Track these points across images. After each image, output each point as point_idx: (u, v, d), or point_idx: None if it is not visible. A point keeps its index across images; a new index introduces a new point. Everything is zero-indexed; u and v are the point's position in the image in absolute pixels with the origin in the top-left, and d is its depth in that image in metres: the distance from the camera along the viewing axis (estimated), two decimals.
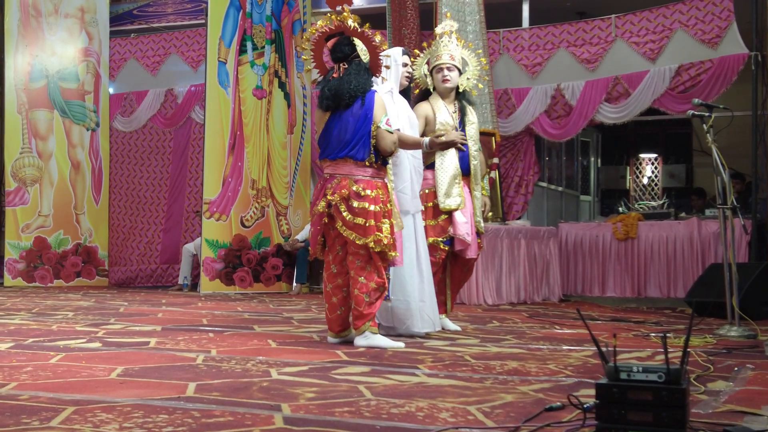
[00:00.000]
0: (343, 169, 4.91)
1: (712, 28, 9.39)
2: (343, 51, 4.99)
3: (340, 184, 4.87)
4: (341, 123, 4.90)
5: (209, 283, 10.15)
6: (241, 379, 3.46)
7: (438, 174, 5.86)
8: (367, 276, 4.85)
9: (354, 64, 4.96)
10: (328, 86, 4.94)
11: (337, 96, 4.88)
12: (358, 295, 4.85)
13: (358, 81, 4.88)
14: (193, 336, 5.20)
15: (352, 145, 4.86)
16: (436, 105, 5.96)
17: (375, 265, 4.86)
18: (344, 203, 4.83)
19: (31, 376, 3.46)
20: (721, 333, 5.75)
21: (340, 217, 4.85)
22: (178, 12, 12.47)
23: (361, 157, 4.87)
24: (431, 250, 5.81)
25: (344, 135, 4.88)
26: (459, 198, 5.86)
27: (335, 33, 5.02)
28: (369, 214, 4.81)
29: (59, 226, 11.45)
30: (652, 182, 15.72)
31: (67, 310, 7.07)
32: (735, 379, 3.71)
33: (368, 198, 4.83)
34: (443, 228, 5.87)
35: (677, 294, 8.99)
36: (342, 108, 4.89)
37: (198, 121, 11.86)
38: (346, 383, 3.43)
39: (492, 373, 3.79)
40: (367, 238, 4.79)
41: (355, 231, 4.81)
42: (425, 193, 5.87)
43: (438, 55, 5.99)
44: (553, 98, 10.36)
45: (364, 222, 4.80)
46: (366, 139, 4.87)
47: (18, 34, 11.40)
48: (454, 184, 5.86)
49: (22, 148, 11.31)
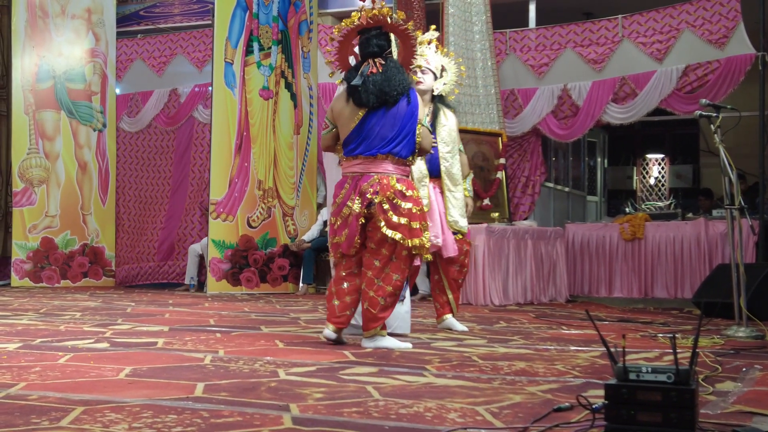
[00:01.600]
0: (380, 166, 4.74)
1: (719, 29, 9.37)
2: (381, 46, 4.82)
3: (381, 183, 4.71)
4: (385, 119, 4.73)
5: (216, 283, 10.16)
6: (249, 380, 3.46)
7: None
8: (385, 279, 4.71)
9: (391, 60, 4.82)
10: (372, 81, 4.72)
11: (383, 92, 4.69)
12: (373, 297, 4.71)
13: (402, 77, 4.75)
14: (201, 336, 5.21)
15: (398, 141, 4.73)
16: None
17: (398, 267, 4.72)
18: (389, 203, 4.68)
19: (39, 376, 3.46)
20: (728, 334, 5.73)
21: (383, 217, 4.67)
22: (185, 13, 12.49)
23: (405, 155, 4.78)
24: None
25: (388, 132, 4.73)
26: (424, 200, 5.80)
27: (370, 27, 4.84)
28: (414, 216, 4.71)
29: (66, 227, 11.47)
30: (659, 183, 15.70)
31: (74, 311, 7.08)
32: (743, 380, 3.70)
33: (411, 198, 4.74)
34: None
35: (684, 295, 8.98)
36: (389, 105, 4.73)
37: (200, 120, 11.89)
38: (354, 384, 3.42)
39: (500, 374, 3.79)
40: (411, 241, 4.67)
41: (400, 231, 4.66)
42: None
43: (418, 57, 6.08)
44: (559, 98, 10.36)
45: (408, 222, 4.68)
46: (411, 137, 4.77)
47: (25, 35, 11.43)
48: (419, 187, 5.84)
49: (29, 148, 11.34)
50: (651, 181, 15.75)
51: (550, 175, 11.69)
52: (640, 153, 15.95)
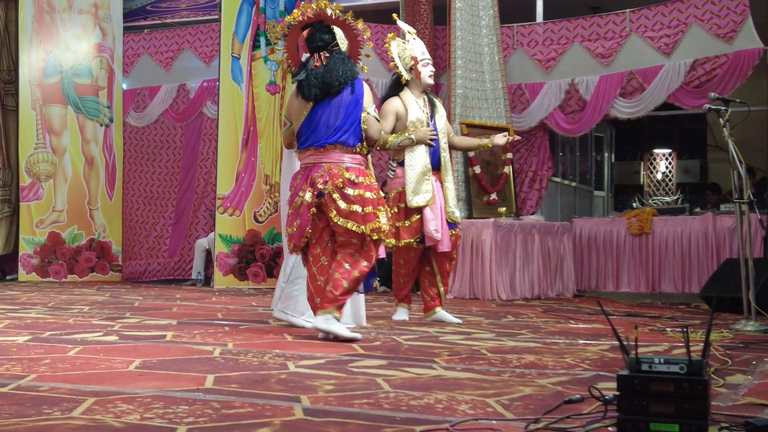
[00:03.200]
0: (330, 156, 4.81)
1: (727, 23, 9.34)
2: (324, 39, 4.93)
3: (330, 173, 4.76)
4: (330, 110, 4.82)
5: (223, 278, 10.17)
6: (258, 372, 3.46)
7: (407, 172, 5.92)
8: (353, 264, 4.75)
9: (336, 53, 4.91)
10: (314, 74, 4.83)
11: (325, 84, 4.80)
12: (338, 279, 4.72)
13: (345, 68, 4.84)
14: (209, 330, 5.21)
15: (343, 131, 4.79)
16: (407, 100, 6.01)
17: (366, 253, 4.78)
18: (338, 191, 4.73)
19: (50, 368, 3.47)
20: (737, 328, 5.73)
21: (334, 206, 4.73)
22: (192, 7, 12.48)
23: (352, 144, 4.82)
24: (405, 251, 5.99)
25: (333, 122, 4.80)
26: (428, 194, 5.90)
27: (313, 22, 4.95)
28: (366, 201, 4.75)
29: (73, 222, 11.48)
30: (666, 178, 15.66)
31: (82, 305, 7.09)
32: (753, 373, 3.70)
33: (363, 185, 4.78)
34: (416, 228, 5.94)
35: (692, 289, 8.96)
36: (332, 95, 4.82)
37: (209, 116, 11.88)
38: (364, 376, 3.42)
39: (509, 367, 3.78)
40: (366, 226, 4.71)
41: (353, 219, 4.72)
42: (397, 193, 5.98)
43: (422, 50, 6.06)
44: (567, 93, 10.33)
45: (361, 209, 4.72)
46: (357, 126, 4.82)
47: (32, 30, 11.44)
48: (423, 181, 5.90)
49: (36, 143, 11.35)
50: (658, 176, 15.71)
51: (557, 169, 11.67)
52: (648, 148, 15.91)
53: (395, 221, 5.86)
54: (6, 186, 11.72)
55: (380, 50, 11.25)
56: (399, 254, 6.09)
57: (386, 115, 5.95)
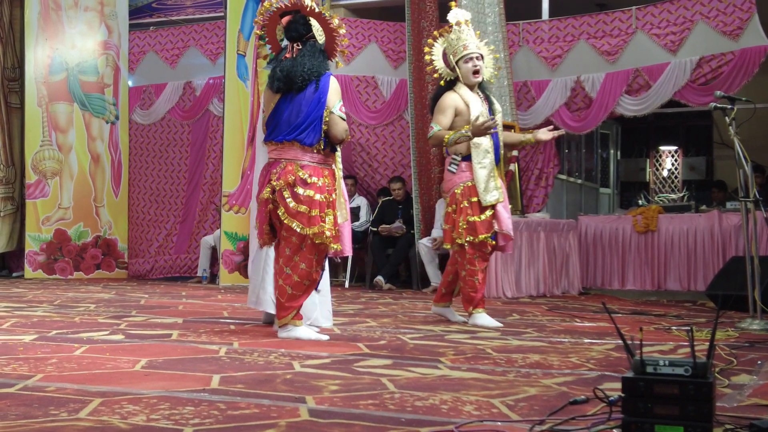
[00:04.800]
0: (289, 153, 4.77)
1: (733, 20, 9.30)
2: (298, 30, 4.84)
3: (285, 170, 4.72)
4: (292, 105, 4.75)
5: (228, 275, 10.17)
6: (264, 372, 3.48)
7: (476, 170, 5.70)
8: (293, 267, 4.72)
9: (309, 45, 4.81)
10: (281, 67, 4.78)
11: (289, 78, 4.73)
12: (282, 285, 4.74)
13: (312, 63, 4.74)
14: (215, 328, 5.23)
15: (303, 128, 4.71)
16: (465, 95, 5.80)
17: (305, 256, 4.72)
18: (289, 189, 4.69)
19: (56, 368, 3.48)
20: (743, 326, 5.72)
21: (283, 204, 4.69)
22: (197, 5, 12.47)
23: (310, 142, 4.72)
24: (482, 247, 5.72)
25: (295, 118, 4.74)
26: (497, 191, 5.72)
27: (291, 10, 4.89)
28: (314, 203, 4.69)
29: (79, 219, 11.51)
30: (672, 175, 15.65)
31: (88, 303, 7.11)
32: (759, 373, 3.70)
33: (314, 186, 4.71)
34: (490, 224, 5.72)
35: (697, 287, 8.94)
36: (294, 90, 4.75)
37: (216, 114, 11.88)
38: (369, 376, 3.43)
39: (514, 366, 3.79)
40: (310, 229, 4.66)
41: (298, 219, 4.67)
42: (466, 187, 5.74)
43: (465, 45, 5.83)
44: (573, 90, 10.31)
45: (308, 211, 4.67)
46: (317, 124, 4.72)
47: (38, 27, 11.45)
48: (491, 178, 5.72)
49: (42, 140, 11.38)
50: (664, 173, 15.69)
51: (563, 167, 11.64)
52: (654, 145, 15.89)
53: (467, 216, 5.68)
54: (9, 184, 11.74)
55: (386, 47, 11.28)
56: (474, 250, 5.74)
57: (444, 110, 5.76)
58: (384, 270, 10.11)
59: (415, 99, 10.41)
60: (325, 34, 4.88)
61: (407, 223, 10.26)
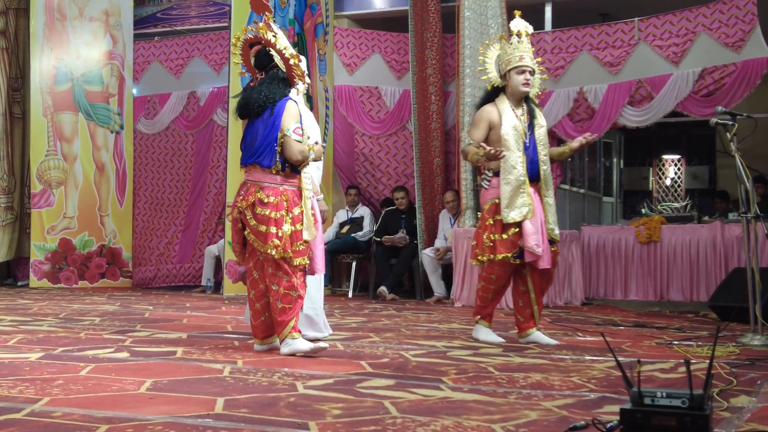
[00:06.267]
0: (253, 175, 5.00)
1: (735, 32, 9.33)
2: (261, 61, 5.16)
3: (248, 191, 4.97)
4: (252, 130, 5.01)
5: (232, 285, 10.21)
6: (267, 394, 3.51)
7: (502, 186, 5.59)
8: (278, 282, 4.89)
9: (270, 75, 5.09)
10: (242, 95, 5.10)
11: (246, 104, 5.02)
12: (272, 303, 4.93)
13: (269, 90, 4.99)
14: (219, 344, 5.27)
15: (260, 152, 4.94)
16: (502, 108, 5.70)
17: (284, 270, 4.88)
18: (250, 210, 4.92)
19: (62, 390, 3.52)
20: (744, 341, 5.74)
21: (246, 224, 4.95)
22: (202, 15, 12.53)
23: (267, 164, 4.93)
24: (500, 266, 5.62)
25: (254, 142, 4.97)
26: (525, 208, 5.55)
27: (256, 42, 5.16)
28: (270, 220, 4.88)
29: (84, 228, 11.56)
30: (675, 183, 15.67)
31: (93, 315, 7.15)
32: (758, 394, 3.73)
33: (270, 205, 4.90)
34: (513, 242, 5.57)
35: (700, 298, 8.97)
36: (253, 116, 5.00)
37: (219, 124, 11.93)
38: (372, 398, 3.47)
39: (515, 387, 3.82)
40: (266, 245, 4.84)
41: (258, 237, 4.90)
42: (493, 204, 5.65)
43: (521, 56, 5.74)
44: (575, 101, 10.33)
45: (265, 229, 4.87)
46: (272, 146, 4.92)
47: (43, 37, 11.52)
48: (519, 194, 5.56)
49: (47, 150, 11.44)
50: (667, 182, 15.72)
51: (565, 176, 11.68)
52: (656, 154, 15.92)
53: (490, 234, 5.60)
54: (9, 193, 11.82)
55: (389, 58, 11.32)
56: (492, 269, 5.65)
57: (477, 123, 5.70)
58: (387, 280, 10.14)
59: (419, 109, 10.46)
60: (283, 63, 5.09)
61: (410, 233, 10.31)
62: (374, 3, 11.56)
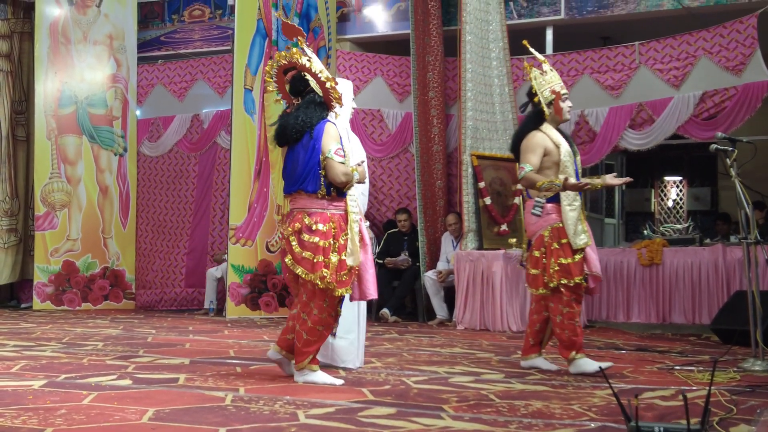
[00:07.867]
0: (298, 203, 4.93)
1: (736, 55, 9.39)
2: (296, 87, 5.05)
3: (294, 218, 4.90)
4: (293, 157, 4.94)
5: (235, 308, 10.23)
6: (269, 424, 3.53)
7: (566, 212, 5.55)
8: (308, 313, 4.86)
9: (306, 100, 4.99)
10: (279, 122, 5.01)
11: (283, 132, 4.94)
12: (299, 331, 4.90)
13: (306, 115, 4.90)
14: (221, 371, 5.28)
15: (303, 177, 4.86)
16: (553, 135, 5.68)
17: (317, 303, 4.84)
18: (296, 236, 4.84)
19: (65, 420, 3.53)
20: (745, 366, 5.75)
21: (290, 251, 4.85)
22: (205, 38, 12.61)
23: (312, 189, 4.86)
24: (577, 289, 5.56)
25: (296, 168, 4.91)
26: (585, 234, 5.58)
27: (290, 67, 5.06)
28: (318, 249, 4.79)
29: (87, 250, 11.60)
30: (677, 205, 15.69)
31: (96, 340, 7.17)
32: (757, 423, 3.74)
33: (319, 232, 4.82)
34: (581, 267, 5.55)
35: (702, 320, 8.96)
36: (292, 142, 4.93)
37: (223, 147, 11.98)
38: (373, 428, 3.48)
39: (516, 416, 3.83)
40: (315, 275, 4.77)
41: (303, 265, 4.80)
42: (555, 229, 5.59)
43: (562, 85, 5.79)
44: (577, 124, 10.38)
45: (312, 257, 4.79)
46: (315, 171, 4.84)
47: (48, 60, 11.59)
48: (579, 222, 5.59)
49: (51, 173, 11.49)
50: (669, 204, 15.74)
51: None
52: (658, 175, 15.95)
53: (559, 258, 5.53)
54: (13, 215, 11.89)
55: (391, 81, 11.37)
56: (571, 293, 5.54)
57: (534, 149, 5.61)
58: (390, 302, 10.15)
59: (420, 132, 10.49)
60: (320, 87, 5.01)
61: (413, 255, 10.32)
62: (376, 26, 11.62)
